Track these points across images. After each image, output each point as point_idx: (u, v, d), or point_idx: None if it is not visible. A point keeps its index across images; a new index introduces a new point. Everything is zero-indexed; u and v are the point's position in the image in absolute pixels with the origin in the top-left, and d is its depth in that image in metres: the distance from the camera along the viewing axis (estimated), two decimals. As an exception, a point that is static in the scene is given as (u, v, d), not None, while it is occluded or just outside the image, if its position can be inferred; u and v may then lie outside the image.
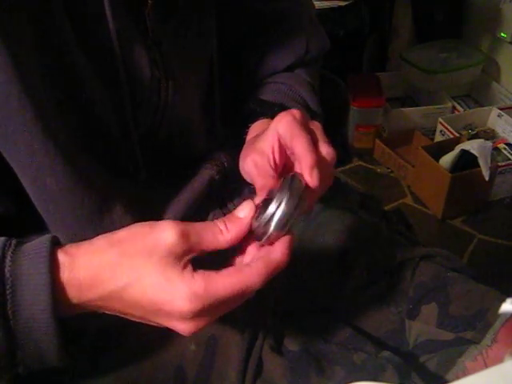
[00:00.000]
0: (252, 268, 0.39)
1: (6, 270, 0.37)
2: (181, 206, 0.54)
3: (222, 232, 0.40)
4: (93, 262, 0.39)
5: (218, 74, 0.60)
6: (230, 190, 0.61)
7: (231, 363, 0.52)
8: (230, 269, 0.39)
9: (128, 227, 0.40)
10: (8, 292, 0.37)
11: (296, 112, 0.46)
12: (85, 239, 0.46)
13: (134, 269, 0.38)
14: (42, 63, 0.41)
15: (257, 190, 0.45)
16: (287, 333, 0.56)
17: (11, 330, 0.37)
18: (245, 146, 0.54)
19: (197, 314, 0.38)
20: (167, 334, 0.54)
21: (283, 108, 0.60)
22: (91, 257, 0.39)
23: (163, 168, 0.55)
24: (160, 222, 0.39)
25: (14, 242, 0.39)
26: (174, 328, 0.40)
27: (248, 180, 0.50)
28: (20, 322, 0.37)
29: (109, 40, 0.45)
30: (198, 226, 0.40)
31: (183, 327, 0.39)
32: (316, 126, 0.48)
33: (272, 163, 0.45)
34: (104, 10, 0.44)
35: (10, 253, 0.38)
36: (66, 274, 0.39)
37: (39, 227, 0.47)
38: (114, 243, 0.39)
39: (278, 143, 0.45)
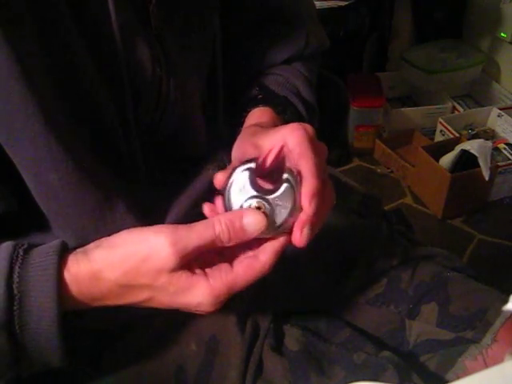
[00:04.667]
0: (262, 260, 0.42)
1: (14, 287, 0.38)
2: (182, 205, 0.54)
3: (222, 243, 0.41)
4: (99, 285, 0.41)
5: (221, 73, 0.60)
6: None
7: (232, 363, 0.52)
8: (244, 264, 0.42)
9: (124, 241, 0.42)
10: (15, 308, 0.38)
11: (309, 127, 0.46)
12: (87, 237, 0.46)
13: (146, 289, 0.41)
14: (45, 59, 0.41)
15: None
16: (287, 333, 0.56)
17: (18, 344, 0.38)
18: (242, 133, 0.54)
19: (220, 303, 0.42)
20: (168, 335, 0.54)
21: (286, 101, 0.60)
22: (96, 280, 0.41)
23: (165, 167, 0.55)
24: (154, 238, 0.40)
25: (21, 252, 0.40)
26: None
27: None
28: (26, 337, 0.39)
29: (112, 36, 0.45)
30: (193, 243, 0.40)
31: (207, 313, 0.43)
32: (323, 147, 0.48)
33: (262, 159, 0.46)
34: (107, 6, 0.44)
35: (17, 267, 0.39)
36: (74, 290, 0.41)
37: (42, 225, 0.47)
38: (114, 266, 0.41)
39: (279, 150, 0.45)
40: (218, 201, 0.44)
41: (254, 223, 0.41)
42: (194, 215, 0.51)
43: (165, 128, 0.53)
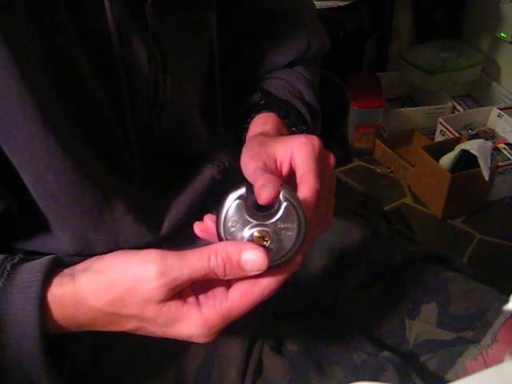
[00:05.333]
0: (263, 285, 0.38)
1: None
2: (181, 206, 0.54)
3: (216, 276, 0.38)
4: (84, 311, 0.39)
5: (219, 73, 0.60)
6: (230, 189, 0.61)
7: (231, 363, 0.52)
8: (241, 290, 0.38)
9: (110, 267, 0.39)
10: None
11: (316, 142, 0.45)
12: (86, 237, 0.46)
13: (134, 320, 0.39)
14: (42, 60, 0.41)
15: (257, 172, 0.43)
16: (287, 333, 0.56)
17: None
18: (248, 143, 0.53)
19: (216, 333, 0.39)
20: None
21: (289, 105, 0.60)
22: (81, 306, 0.39)
23: (164, 167, 0.55)
24: (142, 267, 0.37)
25: (8, 267, 0.39)
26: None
27: (249, 178, 0.50)
28: (7, 355, 0.38)
29: (108, 35, 0.45)
30: (184, 276, 0.37)
31: (201, 342, 0.41)
32: (330, 157, 0.48)
33: (279, 169, 0.46)
34: (103, 6, 0.44)
35: (1, 283, 0.38)
36: (59, 315, 0.39)
37: (41, 225, 0.47)
38: (99, 293, 0.38)
39: (289, 163, 0.45)
40: (207, 219, 0.41)
41: (252, 261, 0.37)
42: (193, 216, 0.52)
43: (163, 128, 0.53)
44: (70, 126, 0.44)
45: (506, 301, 0.56)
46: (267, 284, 0.38)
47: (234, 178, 0.58)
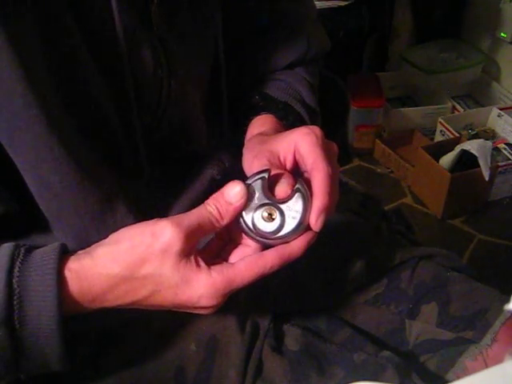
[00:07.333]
0: (266, 258, 0.43)
1: (14, 281, 0.38)
2: (182, 206, 0.54)
3: (217, 221, 0.43)
4: (101, 280, 0.41)
5: (225, 72, 0.60)
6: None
7: (231, 363, 0.52)
8: (247, 261, 0.42)
9: (128, 234, 0.42)
10: (15, 303, 0.38)
11: (317, 130, 0.46)
12: (87, 238, 0.46)
13: (150, 282, 0.41)
14: (48, 61, 0.41)
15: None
16: (287, 333, 0.56)
17: (17, 339, 0.38)
18: (248, 144, 0.53)
19: (220, 304, 0.43)
20: (167, 335, 0.54)
21: (287, 106, 0.60)
22: (98, 276, 0.41)
23: (165, 167, 0.55)
24: (158, 224, 0.41)
25: (23, 250, 0.40)
26: (197, 313, 0.44)
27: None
28: (26, 332, 0.38)
29: (115, 37, 0.45)
30: (194, 222, 0.42)
31: (206, 312, 0.44)
32: (333, 145, 0.49)
33: (283, 164, 0.47)
34: (111, 8, 0.44)
35: (18, 262, 0.39)
36: (74, 288, 0.40)
37: (41, 227, 0.47)
38: (119, 259, 0.41)
39: (293, 156, 0.46)
40: None
41: (234, 192, 0.43)
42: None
43: (165, 129, 0.53)
44: (74, 128, 0.44)
45: (506, 301, 0.56)
46: (270, 258, 0.43)
47: (234, 177, 0.58)
